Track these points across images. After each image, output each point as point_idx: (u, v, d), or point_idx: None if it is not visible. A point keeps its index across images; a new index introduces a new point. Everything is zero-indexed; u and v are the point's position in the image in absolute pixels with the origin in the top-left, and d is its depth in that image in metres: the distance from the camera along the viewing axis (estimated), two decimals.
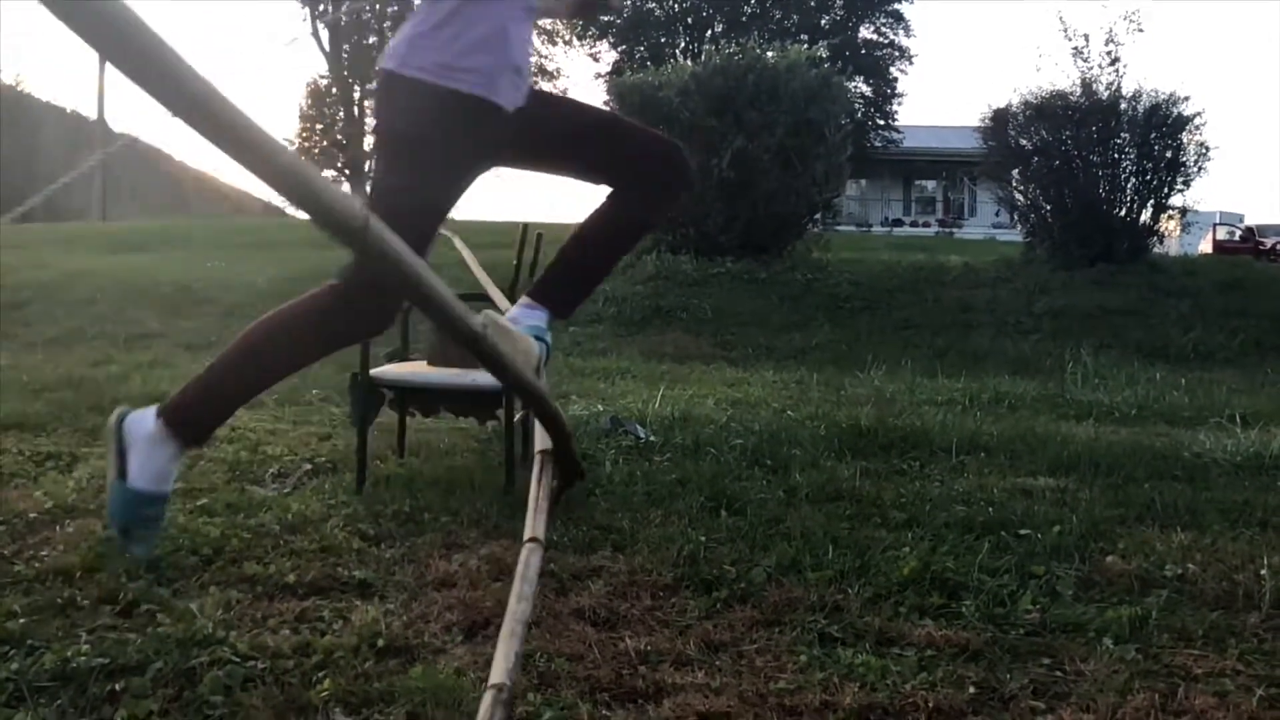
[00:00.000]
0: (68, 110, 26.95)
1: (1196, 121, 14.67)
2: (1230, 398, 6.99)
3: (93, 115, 24.65)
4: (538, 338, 2.43)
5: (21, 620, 2.29)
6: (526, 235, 4.33)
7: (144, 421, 2.32)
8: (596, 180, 2.56)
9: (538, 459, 2.11)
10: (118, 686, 2.01)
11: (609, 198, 2.55)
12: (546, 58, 37.37)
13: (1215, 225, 30.57)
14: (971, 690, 2.11)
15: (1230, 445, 4.73)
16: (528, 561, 1.67)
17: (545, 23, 34.97)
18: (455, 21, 2.33)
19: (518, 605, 1.57)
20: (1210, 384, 8.02)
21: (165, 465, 2.31)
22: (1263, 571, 2.83)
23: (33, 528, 3.05)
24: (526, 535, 1.77)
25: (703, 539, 3.05)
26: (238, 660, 2.13)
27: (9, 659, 2.10)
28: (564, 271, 2.57)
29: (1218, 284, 13.06)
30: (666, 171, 2.53)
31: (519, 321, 2.45)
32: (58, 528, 3.06)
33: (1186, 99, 14.62)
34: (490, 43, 2.35)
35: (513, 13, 2.41)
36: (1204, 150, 14.74)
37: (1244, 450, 4.61)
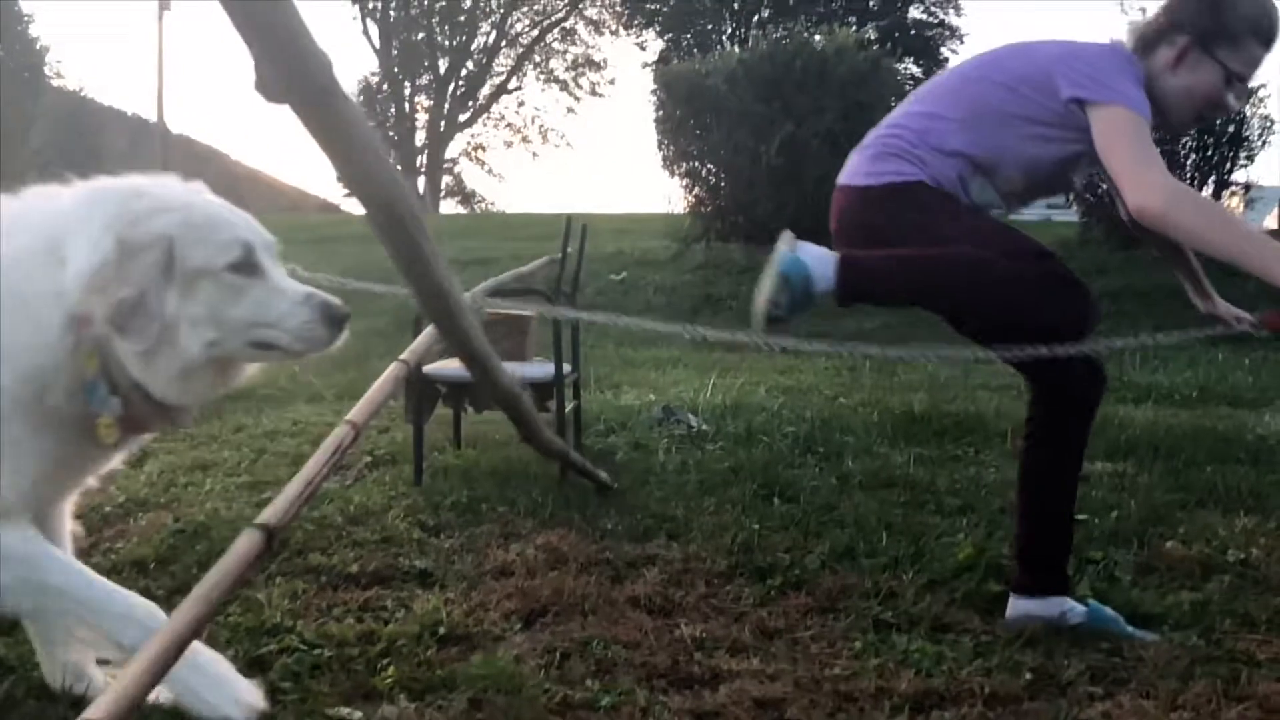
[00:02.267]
0: (129, 114, 27.64)
1: (1260, 94, 14.28)
2: None
3: (153, 118, 25.22)
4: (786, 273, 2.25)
5: None
6: (570, 228, 4.37)
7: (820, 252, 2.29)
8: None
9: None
10: None
11: None
12: (594, 48, 37.48)
13: None
14: (1028, 676, 2.11)
15: None
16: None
17: (591, 12, 35.03)
18: None
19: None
20: (1275, 364, 7.83)
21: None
22: None
23: (108, 521, 3.15)
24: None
25: (756, 527, 3.07)
26: (305, 648, 2.20)
27: None
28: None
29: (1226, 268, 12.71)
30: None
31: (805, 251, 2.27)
32: (130, 520, 3.16)
33: None
34: None
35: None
36: (1269, 123, 14.35)
37: None
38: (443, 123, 35.58)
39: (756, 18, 29.26)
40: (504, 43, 35.90)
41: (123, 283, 1.61)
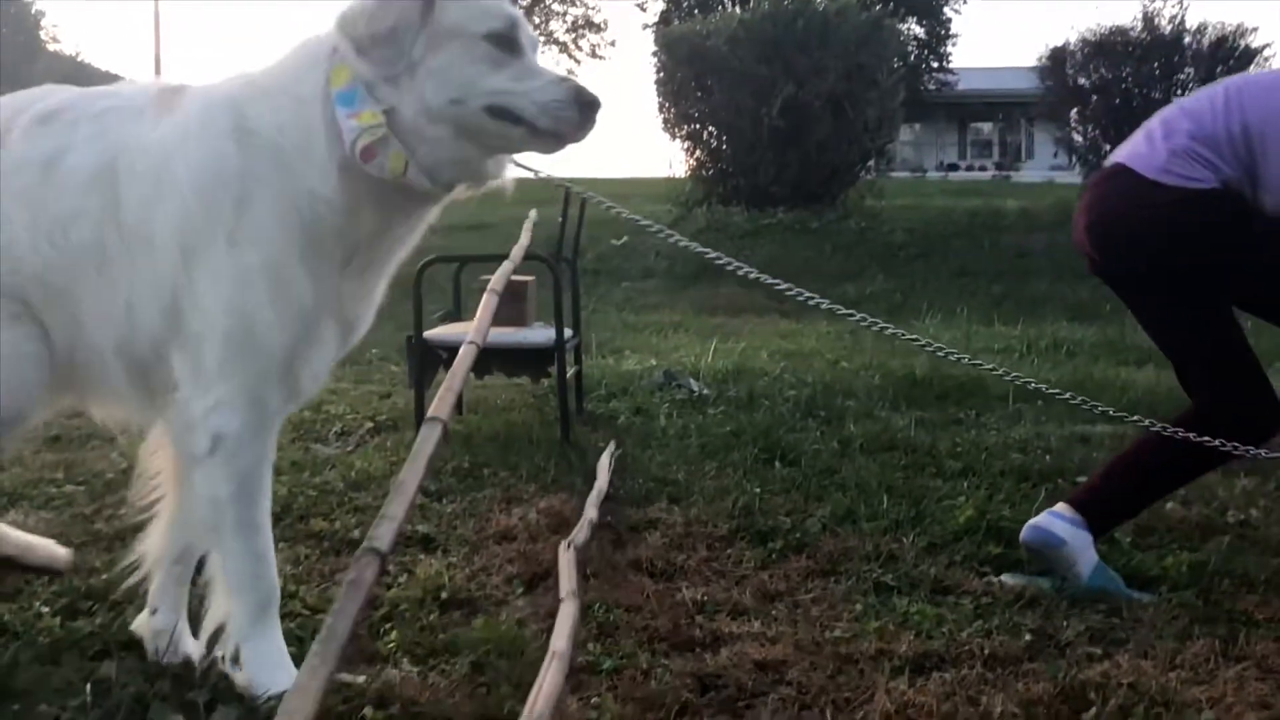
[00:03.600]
0: (126, 78, 27.46)
1: (1266, 53, 14.16)
2: None
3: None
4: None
5: (104, 577, 2.39)
6: (570, 196, 4.34)
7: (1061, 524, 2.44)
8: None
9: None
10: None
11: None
12: (594, 9, 37.09)
13: None
14: (1028, 637, 2.12)
15: None
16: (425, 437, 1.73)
17: None
18: None
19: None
20: (1275, 328, 7.81)
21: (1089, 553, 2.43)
22: None
23: (110, 487, 3.16)
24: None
25: (758, 490, 3.08)
26: (308, 613, 2.21)
27: (93, 614, 2.20)
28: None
29: None
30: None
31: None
32: (134, 487, 3.16)
33: (1254, 30, 14.18)
34: None
35: None
36: None
37: None
38: None
39: None
40: None
41: (380, 18, 1.67)
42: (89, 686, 1.82)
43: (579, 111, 1.72)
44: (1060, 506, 2.47)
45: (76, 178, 1.77)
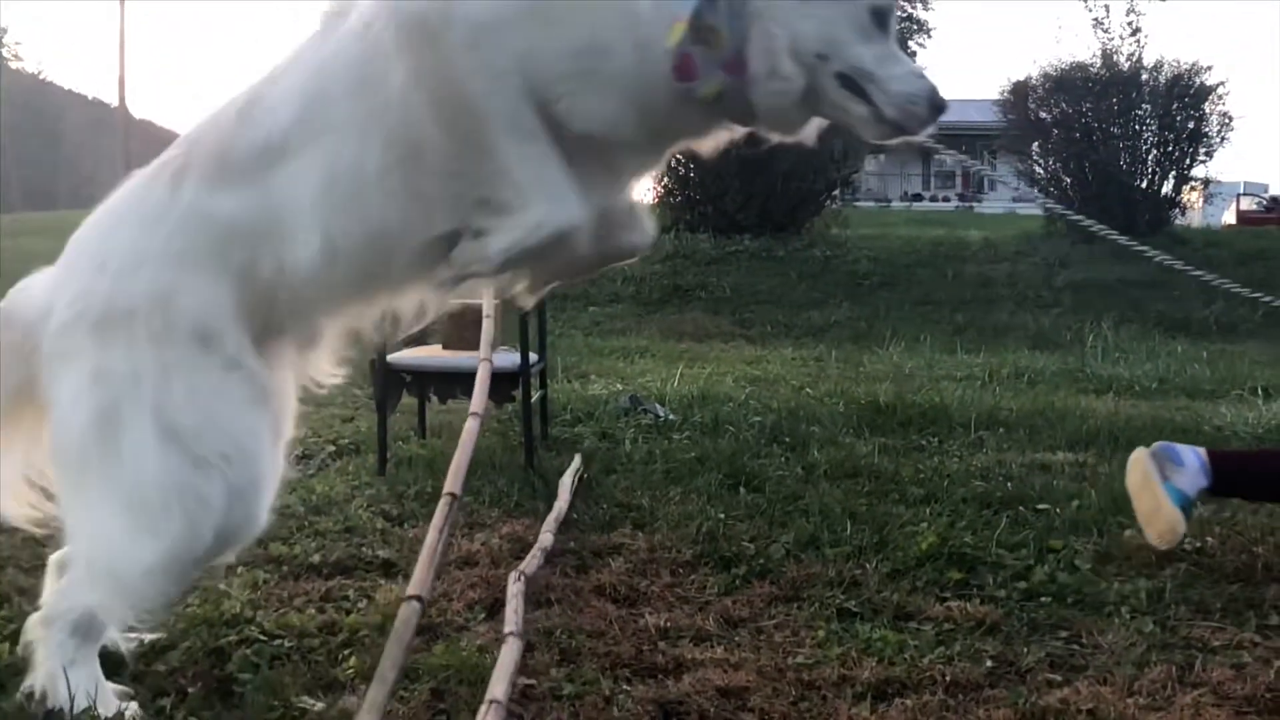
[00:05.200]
0: (89, 97, 27.22)
1: (1220, 91, 14.51)
2: (1252, 370, 6.95)
3: (114, 102, 24.85)
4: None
5: None
6: None
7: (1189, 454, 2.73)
8: None
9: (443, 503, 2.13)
10: (149, 666, 2.05)
11: None
12: None
13: (1239, 196, 30.19)
14: (989, 664, 2.13)
15: (1252, 418, 4.72)
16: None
17: None
18: None
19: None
20: (1232, 356, 7.96)
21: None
22: None
23: None
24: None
25: (722, 516, 3.08)
26: (265, 639, 2.18)
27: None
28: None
29: (1240, 255, 12.94)
30: None
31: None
32: None
33: (1209, 69, 14.48)
34: None
35: None
36: (1227, 120, 14.59)
37: (1266, 422, 4.59)
38: None
39: None
40: None
41: None
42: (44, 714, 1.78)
43: (929, 111, 1.69)
44: (1202, 450, 2.75)
45: None
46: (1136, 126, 14.44)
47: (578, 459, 3.48)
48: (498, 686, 1.74)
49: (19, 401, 1.87)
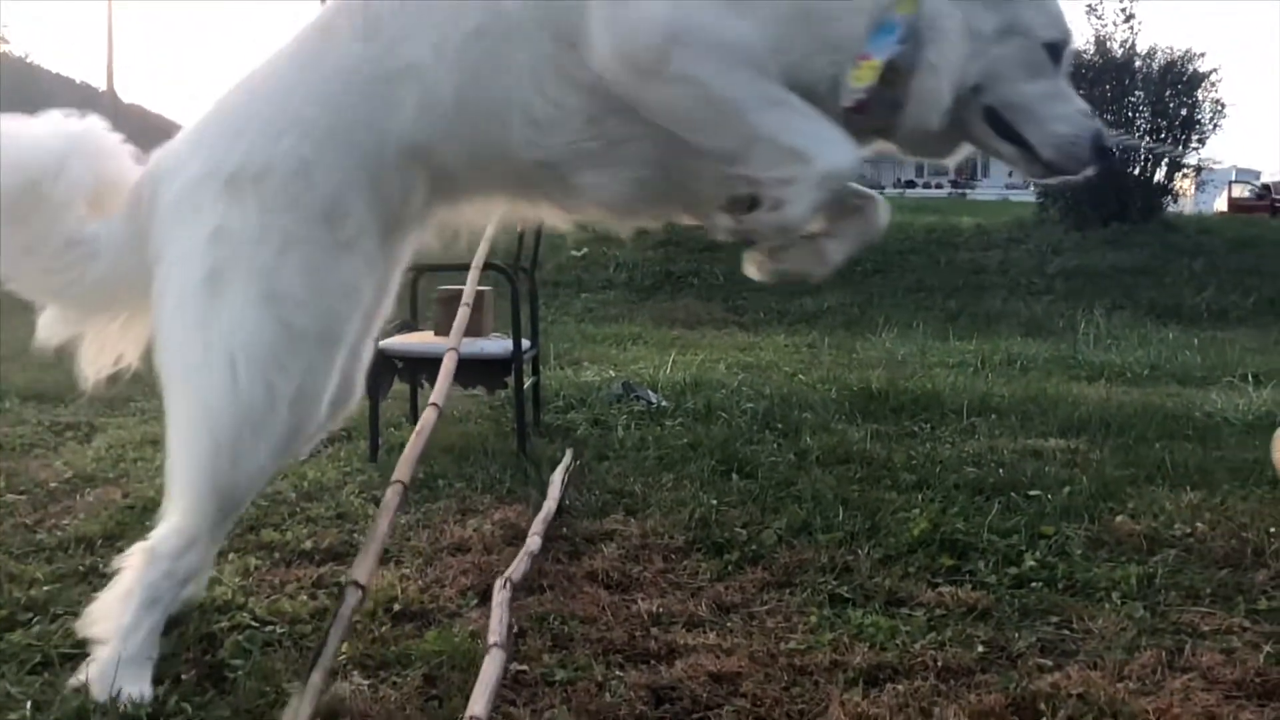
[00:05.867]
0: (77, 82, 26.97)
1: (1212, 78, 14.51)
2: (1243, 357, 6.98)
3: (102, 86, 24.66)
4: None
5: (45, 588, 2.33)
6: None
7: None
8: None
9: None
10: None
11: None
12: None
13: (1231, 183, 30.25)
14: (980, 649, 2.14)
15: (1242, 404, 4.73)
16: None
17: None
18: None
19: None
20: (1223, 343, 7.99)
21: None
22: (1272, 529, 2.84)
23: (54, 497, 3.09)
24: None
25: (714, 502, 3.08)
26: (256, 625, 2.18)
27: (32, 626, 2.15)
28: None
29: (1232, 242, 12.97)
30: None
31: None
32: (78, 497, 3.10)
33: (1202, 55, 14.49)
34: None
35: None
36: (1219, 107, 14.61)
37: (1256, 409, 4.61)
38: None
39: None
40: None
41: None
42: (29, 702, 1.77)
43: (1091, 154, 1.65)
44: None
45: None
46: (1129, 113, 14.45)
47: (568, 455, 3.47)
48: (478, 703, 1.68)
49: (127, 259, 1.86)
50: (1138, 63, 14.51)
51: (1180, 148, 14.29)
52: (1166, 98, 14.40)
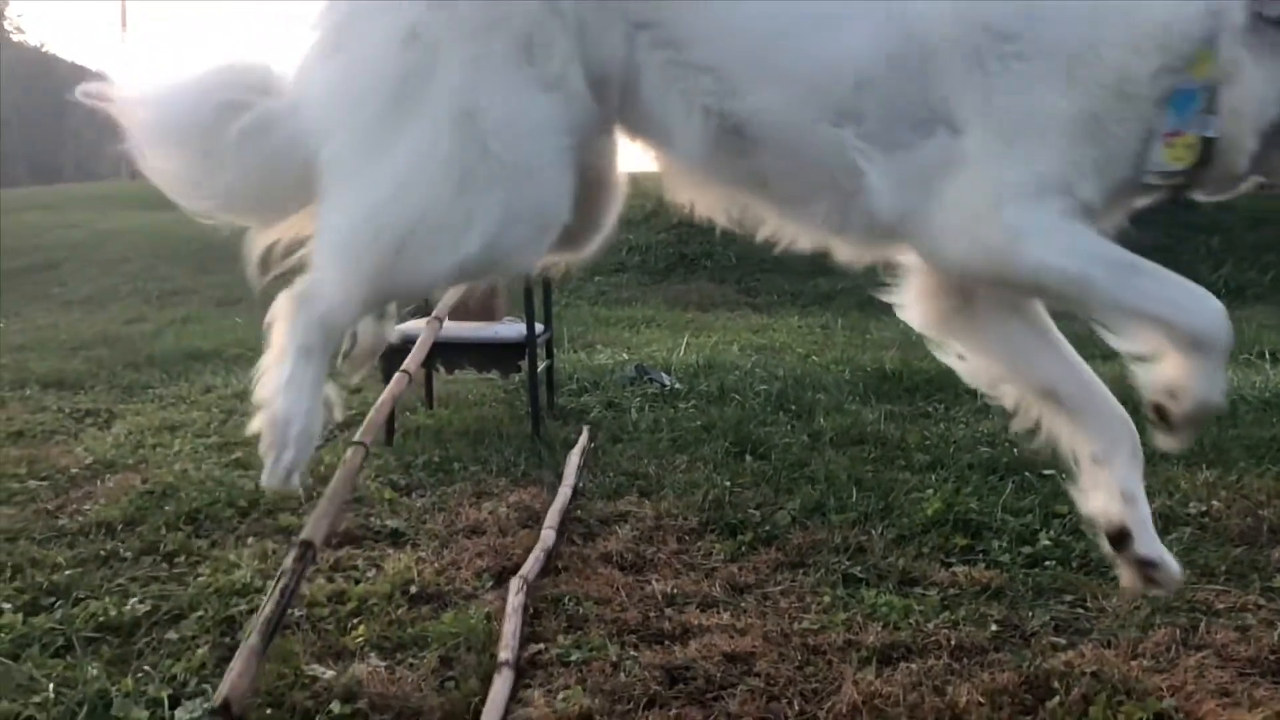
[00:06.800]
0: (93, 70, 27.06)
1: None
2: (1260, 334, 6.91)
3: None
4: None
5: (67, 572, 2.37)
6: None
7: None
8: None
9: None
10: (161, 635, 2.08)
11: None
12: None
13: None
14: (994, 628, 2.14)
15: (1259, 382, 4.70)
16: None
17: None
18: None
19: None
20: (1239, 321, 7.91)
21: None
22: None
23: (75, 482, 3.13)
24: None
25: (728, 483, 3.09)
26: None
27: (54, 609, 2.18)
28: None
29: (1248, 219, 12.82)
30: None
31: None
32: (99, 482, 3.14)
33: None
34: None
35: None
36: None
37: (1273, 387, 4.58)
38: None
39: None
40: None
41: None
42: (51, 685, 1.80)
43: None
44: None
45: None
46: None
47: (585, 435, 3.49)
48: None
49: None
50: None
51: None
52: None
